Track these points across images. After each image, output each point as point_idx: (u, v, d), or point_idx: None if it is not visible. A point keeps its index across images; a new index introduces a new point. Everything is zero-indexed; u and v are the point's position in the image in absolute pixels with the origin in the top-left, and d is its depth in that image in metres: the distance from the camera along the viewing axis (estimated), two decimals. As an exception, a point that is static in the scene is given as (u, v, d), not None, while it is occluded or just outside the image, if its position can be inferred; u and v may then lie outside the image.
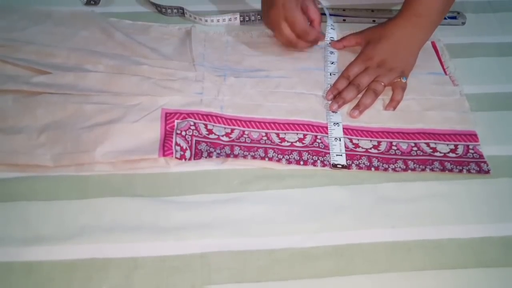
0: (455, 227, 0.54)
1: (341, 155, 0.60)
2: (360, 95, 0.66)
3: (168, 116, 0.61)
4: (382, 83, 0.65)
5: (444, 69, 0.71)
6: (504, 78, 0.70)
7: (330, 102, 0.65)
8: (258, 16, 0.76)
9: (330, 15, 0.76)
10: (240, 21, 0.76)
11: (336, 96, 0.65)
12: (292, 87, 0.67)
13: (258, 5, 0.76)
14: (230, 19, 0.76)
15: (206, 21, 0.76)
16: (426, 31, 0.69)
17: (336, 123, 0.63)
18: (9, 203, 0.54)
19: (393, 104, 0.65)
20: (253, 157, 0.59)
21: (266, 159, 0.59)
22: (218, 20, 0.76)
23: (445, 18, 0.77)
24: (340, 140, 0.61)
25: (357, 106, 0.64)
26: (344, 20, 0.78)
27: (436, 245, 0.53)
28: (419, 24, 0.68)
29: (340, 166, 0.59)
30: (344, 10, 0.78)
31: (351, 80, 0.66)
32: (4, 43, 0.69)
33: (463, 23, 0.78)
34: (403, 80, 0.66)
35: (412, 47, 0.68)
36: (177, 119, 0.61)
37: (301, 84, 0.67)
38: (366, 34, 0.71)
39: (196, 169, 0.58)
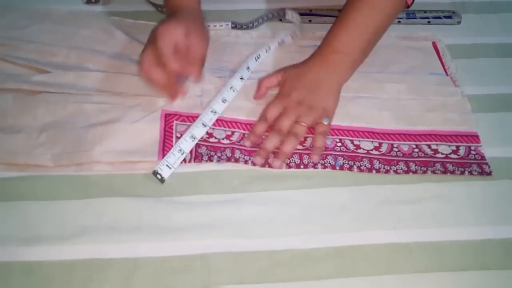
0: (456, 229, 0.54)
1: (171, 168, 0.56)
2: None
3: (168, 117, 0.61)
4: (304, 125, 0.60)
5: (445, 70, 0.70)
6: (506, 79, 0.70)
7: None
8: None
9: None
10: (232, 27, 0.75)
11: (251, 136, 0.60)
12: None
13: (253, 4, 0.77)
14: (221, 25, 0.75)
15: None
16: (346, 68, 0.64)
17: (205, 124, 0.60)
18: (8, 203, 0.54)
19: (316, 152, 0.59)
20: (254, 163, 0.58)
21: (267, 166, 0.59)
22: (208, 25, 0.74)
23: (440, 18, 0.77)
24: (182, 154, 0.57)
25: (278, 156, 0.58)
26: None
27: (437, 247, 0.53)
28: (338, 61, 0.63)
29: (159, 176, 0.55)
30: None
31: (271, 123, 0.61)
32: (4, 42, 0.68)
33: (459, 22, 0.78)
34: (325, 123, 0.60)
35: (330, 84, 0.62)
36: (176, 120, 0.61)
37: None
38: (285, 72, 0.65)
39: (197, 169, 0.58)
